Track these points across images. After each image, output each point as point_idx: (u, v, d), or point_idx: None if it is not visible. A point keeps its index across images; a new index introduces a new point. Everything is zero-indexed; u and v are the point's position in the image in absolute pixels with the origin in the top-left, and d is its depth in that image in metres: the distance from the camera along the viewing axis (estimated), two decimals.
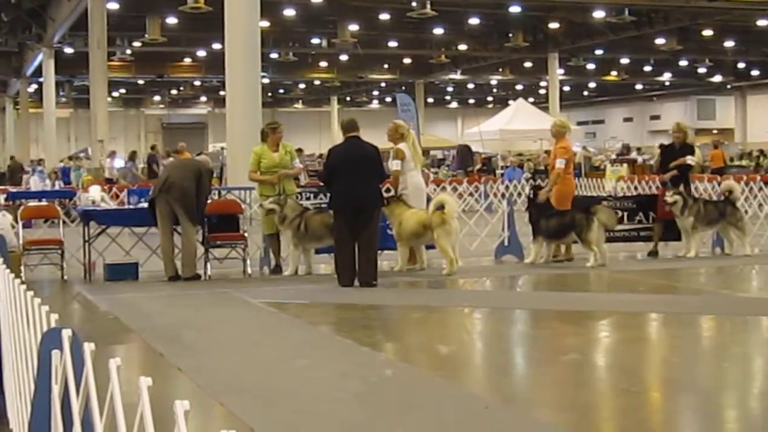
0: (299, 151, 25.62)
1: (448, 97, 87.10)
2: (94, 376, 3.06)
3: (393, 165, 15.26)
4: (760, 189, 22.05)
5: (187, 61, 61.14)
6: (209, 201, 15.40)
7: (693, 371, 8.27)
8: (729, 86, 71.80)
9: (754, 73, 65.70)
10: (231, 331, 10.46)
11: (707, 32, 52.08)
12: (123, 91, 75.40)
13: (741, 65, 65.05)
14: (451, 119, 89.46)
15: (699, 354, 9.24)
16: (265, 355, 9.00)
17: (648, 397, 7.57)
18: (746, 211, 18.13)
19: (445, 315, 11.88)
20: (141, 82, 69.74)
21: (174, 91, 77.93)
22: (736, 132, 72.31)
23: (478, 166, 41.75)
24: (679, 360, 8.83)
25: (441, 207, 14.62)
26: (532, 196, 16.52)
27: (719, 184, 21.34)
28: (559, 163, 16.26)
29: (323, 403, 7.02)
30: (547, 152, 35.95)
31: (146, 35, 45.76)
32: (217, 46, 43.89)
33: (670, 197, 16.61)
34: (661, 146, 18.60)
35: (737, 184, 18.21)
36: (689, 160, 17.10)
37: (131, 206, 16.38)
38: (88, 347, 3.05)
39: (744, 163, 46.68)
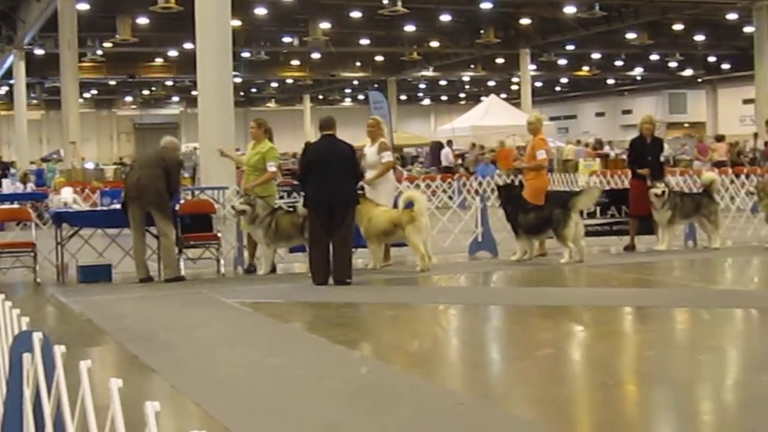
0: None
1: (420, 94, 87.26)
2: (66, 378, 3.04)
3: (386, 156, 15.26)
4: (732, 182, 22.20)
5: (159, 61, 60.98)
6: (182, 201, 15.35)
7: (667, 364, 8.29)
8: (700, 80, 72.14)
9: (725, 66, 66.06)
10: (206, 332, 10.42)
11: (678, 26, 52.35)
12: (95, 92, 75.16)
13: (711, 59, 65.45)
14: (423, 116, 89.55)
15: (673, 347, 9.26)
16: (240, 354, 8.98)
17: (623, 390, 7.58)
18: (718, 204, 18.12)
19: (419, 312, 11.87)
20: (112, 82, 69.54)
21: (146, 92, 77.79)
22: (708, 125, 72.62)
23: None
24: (653, 353, 8.84)
25: (410, 204, 14.64)
26: (502, 193, 16.42)
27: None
28: (541, 155, 16.31)
29: (299, 402, 7.00)
30: (519, 148, 36.08)
31: (117, 36, 45.67)
32: (188, 45, 43.77)
33: (659, 189, 16.64)
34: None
35: (717, 175, 18.28)
36: (663, 158, 17.47)
37: (104, 208, 16.31)
38: (59, 350, 3.03)
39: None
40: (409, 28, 51.35)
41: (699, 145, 37.06)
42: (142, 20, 46.17)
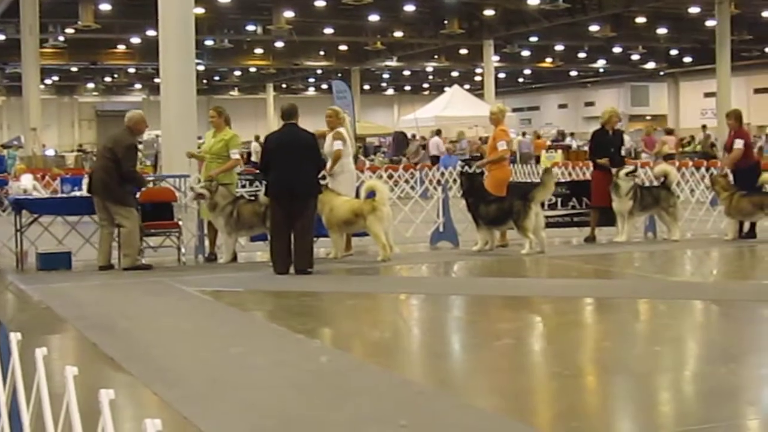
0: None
1: (384, 84, 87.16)
2: (24, 366, 3.03)
3: (336, 145, 15.22)
4: (692, 174, 22.35)
5: (121, 48, 60.52)
6: (144, 189, 15.27)
7: (625, 355, 8.36)
8: (662, 73, 72.54)
9: (686, 59, 66.39)
10: (166, 320, 10.39)
11: (640, 19, 52.58)
12: (56, 78, 74.50)
13: (673, 52, 65.78)
14: (387, 106, 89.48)
15: (631, 338, 9.32)
16: (200, 343, 8.96)
17: (581, 380, 7.63)
18: (678, 196, 18.25)
19: (380, 301, 11.90)
20: (74, 69, 68.93)
21: (108, 79, 77.27)
22: (669, 118, 73.03)
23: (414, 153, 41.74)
24: (612, 344, 8.92)
25: (372, 194, 14.66)
26: (464, 183, 16.44)
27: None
28: (502, 146, 16.32)
29: (259, 392, 7.00)
30: (481, 138, 36.17)
31: (79, 22, 45.24)
32: (151, 32, 43.51)
33: (630, 168, 16.94)
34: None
35: (673, 168, 18.41)
36: (624, 151, 17.63)
37: (64, 195, 16.21)
38: (15, 337, 3.02)
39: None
40: (373, 17, 51.27)
41: (645, 138, 37.31)
42: (105, 6, 45.77)
